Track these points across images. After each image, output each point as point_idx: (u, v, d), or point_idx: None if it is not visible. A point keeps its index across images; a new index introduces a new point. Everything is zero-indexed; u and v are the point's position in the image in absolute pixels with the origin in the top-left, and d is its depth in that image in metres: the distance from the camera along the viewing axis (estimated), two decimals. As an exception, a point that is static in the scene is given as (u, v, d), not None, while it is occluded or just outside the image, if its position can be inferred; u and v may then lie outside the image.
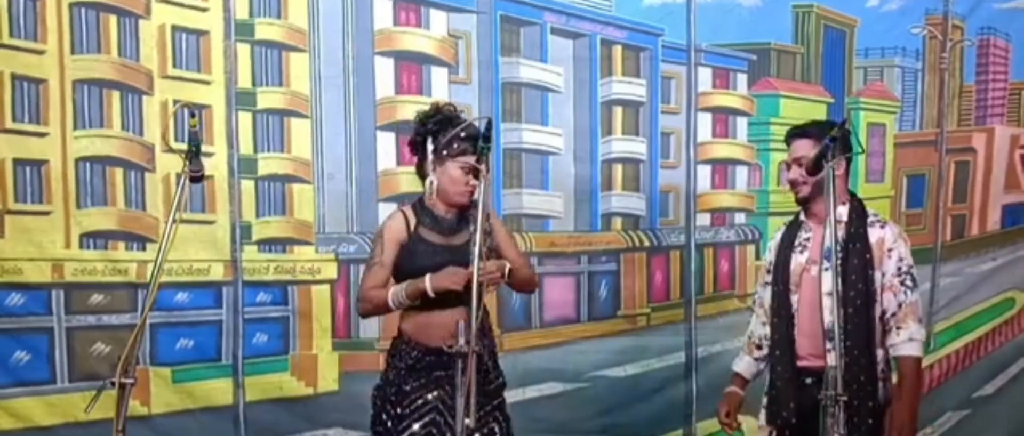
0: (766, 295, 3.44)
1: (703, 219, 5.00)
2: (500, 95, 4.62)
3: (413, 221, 3.14)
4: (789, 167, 3.33)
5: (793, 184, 3.31)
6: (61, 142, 3.86)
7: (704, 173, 5.10)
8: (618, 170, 4.96)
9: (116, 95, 3.95)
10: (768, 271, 3.45)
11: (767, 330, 3.41)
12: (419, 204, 3.17)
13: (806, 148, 3.23)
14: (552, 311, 4.83)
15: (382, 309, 3.13)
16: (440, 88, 4.48)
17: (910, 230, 5.54)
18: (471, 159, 3.05)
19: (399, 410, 3.09)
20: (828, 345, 3.14)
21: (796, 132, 3.37)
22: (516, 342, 4.60)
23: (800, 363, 3.26)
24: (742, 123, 5.12)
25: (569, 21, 4.77)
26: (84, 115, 3.90)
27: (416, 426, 3.08)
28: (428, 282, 2.97)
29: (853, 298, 3.19)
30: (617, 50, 4.90)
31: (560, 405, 4.75)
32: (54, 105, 3.84)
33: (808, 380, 3.23)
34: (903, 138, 5.49)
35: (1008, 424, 5.36)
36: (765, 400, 3.37)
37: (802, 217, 3.39)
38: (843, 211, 3.29)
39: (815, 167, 3.01)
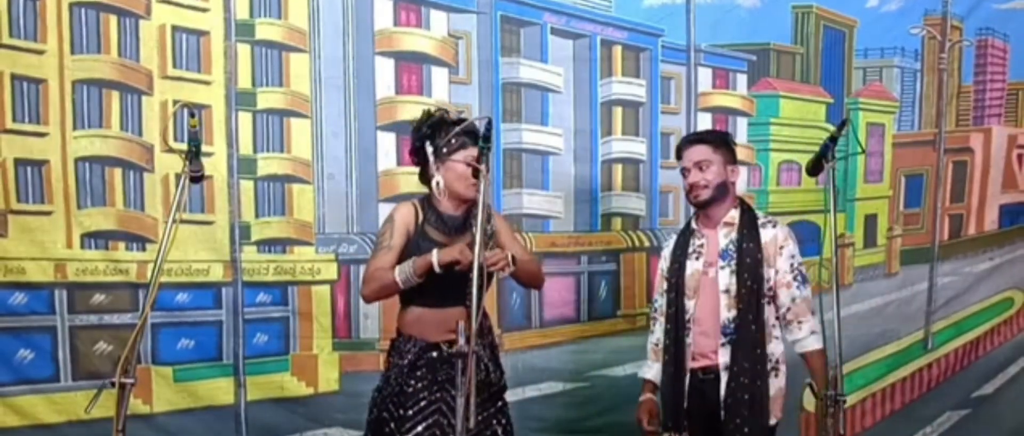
0: (664, 302, 3.53)
1: (703, 219, 5.01)
2: (500, 95, 4.62)
3: (421, 216, 3.16)
4: (688, 172, 3.42)
5: (694, 187, 3.41)
6: (61, 142, 3.85)
7: (704, 174, 5.10)
8: (618, 170, 4.97)
9: (116, 95, 3.94)
10: (666, 279, 3.53)
11: None
12: (426, 202, 3.21)
13: (706, 153, 3.41)
14: (552, 311, 4.84)
15: (389, 288, 3.11)
16: (440, 88, 4.49)
17: (908, 230, 5.58)
18: (472, 152, 3.08)
19: (401, 411, 3.10)
20: (721, 339, 3.34)
21: (692, 138, 3.54)
22: (516, 342, 4.60)
23: (697, 364, 3.39)
24: (742, 123, 5.13)
25: (569, 21, 4.78)
26: (84, 115, 3.90)
27: (420, 427, 3.08)
28: (435, 256, 2.97)
29: (745, 296, 3.32)
30: (617, 50, 4.90)
31: (560, 405, 4.76)
32: (54, 105, 3.83)
33: (706, 377, 3.37)
34: (902, 138, 5.51)
35: (1007, 424, 5.38)
36: (663, 403, 3.47)
37: (694, 224, 3.50)
38: (735, 214, 3.41)
39: (815, 167, 3.04)
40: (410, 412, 3.10)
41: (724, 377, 3.31)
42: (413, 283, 3.04)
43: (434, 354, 3.11)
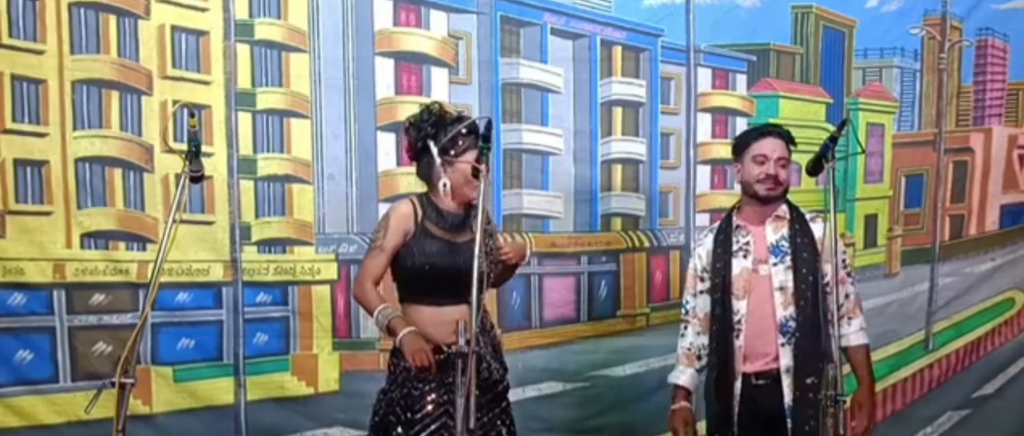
0: (700, 304, 3.39)
1: (702, 219, 4.99)
2: (500, 95, 4.62)
3: (420, 212, 3.16)
4: (763, 161, 3.30)
5: (771, 180, 3.28)
6: (61, 142, 3.85)
7: (704, 173, 5.11)
8: (618, 170, 4.96)
9: (115, 95, 3.95)
10: (701, 279, 3.40)
11: (705, 339, 3.37)
12: (425, 198, 3.20)
13: (785, 151, 3.33)
14: (552, 311, 4.84)
15: (370, 312, 3.15)
16: (440, 89, 4.49)
17: (908, 230, 5.58)
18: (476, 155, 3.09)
19: (409, 415, 3.09)
20: (780, 340, 3.21)
21: (770, 131, 3.41)
22: (516, 342, 4.60)
23: (750, 368, 3.26)
24: (742, 124, 5.12)
25: (569, 22, 4.78)
26: (84, 115, 3.90)
27: (430, 429, 3.08)
28: (401, 335, 3.01)
29: (804, 291, 3.21)
30: (617, 51, 4.90)
31: (560, 405, 4.76)
32: (54, 105, 3.83)
33: (760, 382, 3.25)
34: (902, 138, 5.51)
35: (1008, 424, 5.37)
36: (708, 410, 3.35)
37: (737, 221, 3.37)
38: (785, 208, 3.34)
39: (815, 167, 3.03)
40: (418, 415, 3.09)
41: (787, 380, 3.18)
42: (381, 328, 3.13)
43: (440, 356, 3.10)
